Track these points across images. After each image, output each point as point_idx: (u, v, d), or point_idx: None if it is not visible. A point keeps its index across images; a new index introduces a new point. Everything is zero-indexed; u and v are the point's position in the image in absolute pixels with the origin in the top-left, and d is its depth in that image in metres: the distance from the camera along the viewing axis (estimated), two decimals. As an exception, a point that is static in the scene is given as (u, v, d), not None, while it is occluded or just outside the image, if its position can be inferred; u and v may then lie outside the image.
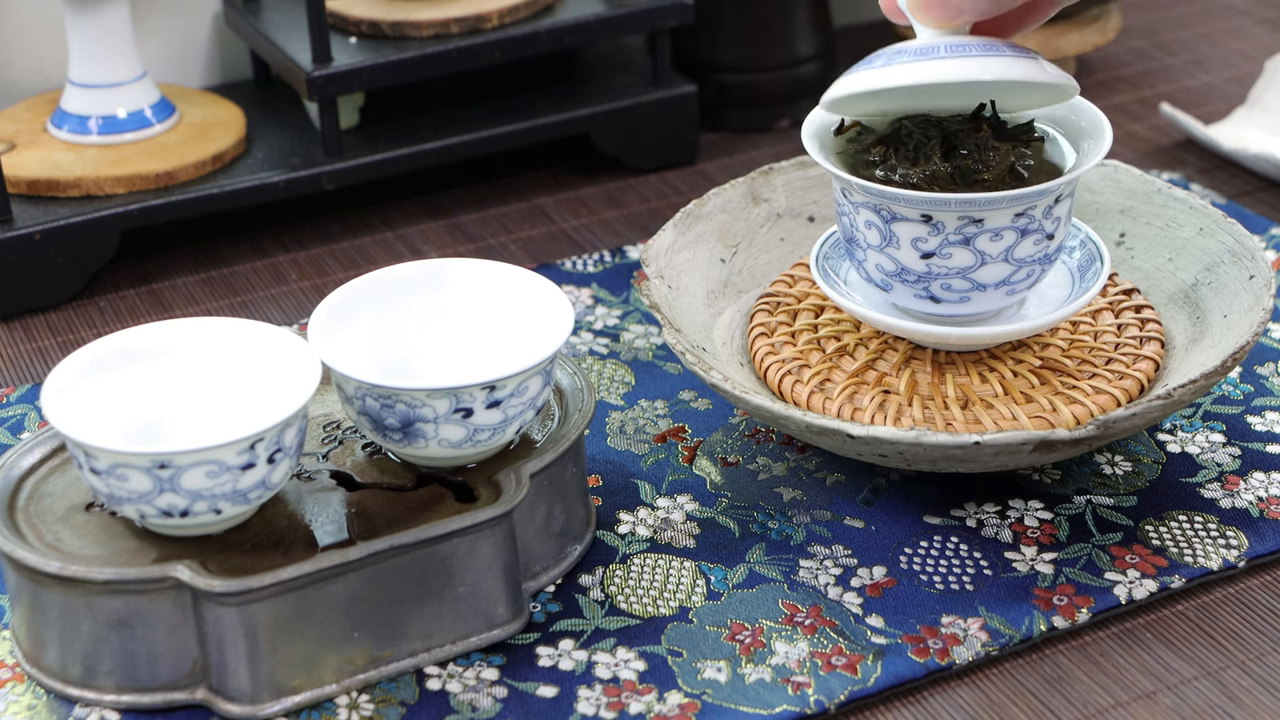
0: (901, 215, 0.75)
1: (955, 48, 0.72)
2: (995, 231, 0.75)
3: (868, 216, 0.76)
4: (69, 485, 0.73)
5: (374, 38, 1.04)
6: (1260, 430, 0.83)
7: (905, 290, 0.78)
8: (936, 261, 0.76)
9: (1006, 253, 0.76)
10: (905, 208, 0.75)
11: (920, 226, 0.75)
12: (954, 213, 0.74)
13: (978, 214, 0.74)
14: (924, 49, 0.73)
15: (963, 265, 0.76)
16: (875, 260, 0.77)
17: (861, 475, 0.81)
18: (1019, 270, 0.77)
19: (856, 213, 0.77)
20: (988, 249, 0.75)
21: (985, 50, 0.72)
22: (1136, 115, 1.17)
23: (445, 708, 0.69)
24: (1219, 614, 0.74)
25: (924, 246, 0.75)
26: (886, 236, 0.76)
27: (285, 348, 0.73)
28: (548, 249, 1.02)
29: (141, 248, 1.03)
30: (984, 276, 0.76)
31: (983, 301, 0.77)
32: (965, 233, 0.75)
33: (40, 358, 0.93)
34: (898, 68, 0.73)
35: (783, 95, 1.16)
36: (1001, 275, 0.76)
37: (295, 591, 0.67)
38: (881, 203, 0.75)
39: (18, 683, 0.71)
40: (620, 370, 0.90)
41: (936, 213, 0.74)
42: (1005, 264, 0.76)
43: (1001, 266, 0.76)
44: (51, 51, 1.10)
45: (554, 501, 0.74)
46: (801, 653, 0.71)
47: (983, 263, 0.76)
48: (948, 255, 0.75)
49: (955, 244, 0.75)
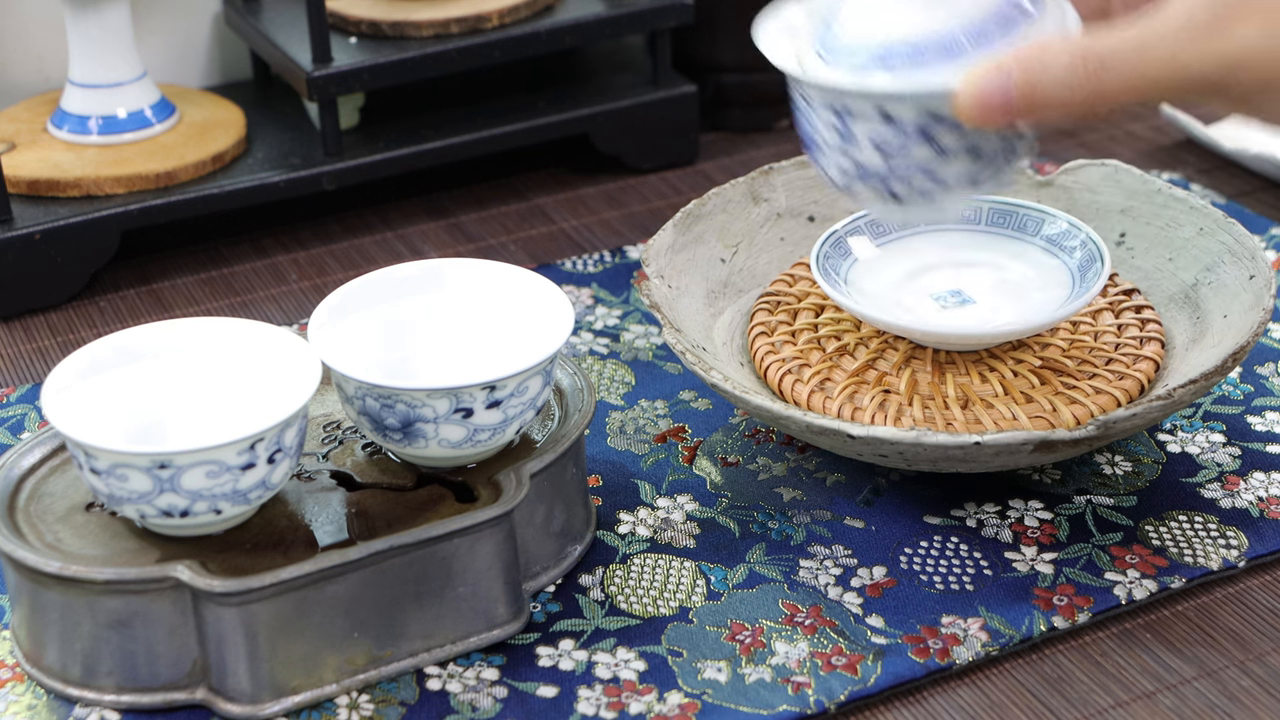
0: (859, 112, 0.71)
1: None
2: (955, 124, 0.70)
3: (826, 117, 0.73)
4: (69, 485, 0.73)
5: (374, 38, 1.04)
6: (1260, 430, 0.83)
7: (866, 190, 0.73)
8: (897, 160, 0.71)
9: (969, 147, 0.71)
10: (861, 104, 0.71)
11: (879, 124, 0.71)
12: (911, 106, 0.70)
13: (936, 108, 0.70)
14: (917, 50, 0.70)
15: (922, 161, 0.71)
16: (835, 161, 0.73)
17: (861, 475, 0.81)
18: (981, 164, 0.71)
19: (814, 114, 0.73)
20: (949, 143, 0.71)
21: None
22: (1136, 115, 1.17)
23: (445, 708, 0.69)
24: (1219, 614, 0.74)
25: (884, 144, 0.71)
26: (845, 136, 0.72)
27: (285, 348, 0.73)
28: (548, 249, 1.02)
29: (141, 248, 1.03)
30: (947, 173, 0.72)
31: (947, 198, 0.73)
32: (925, 128, 0.71)
33: (40, 358, 0.93)
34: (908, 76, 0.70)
35: (783, 95, 1.16)
36: (965, 170, 0.72)
37: (295, 591, 0.67)
38: (839, 100, 0.72)
39: (18, 683, 0.71)
40: (620, 370, 0.90)
41: (893, 107, 0.70)
42: (968, 158, 0.71)
43: (964, 161, 0.72)
44: (51, 51, 1.10)
45: (554, 501, 0.74)
46: (801, 653, 0.71)
47: (944, 156, 0.71)
48: (907, 153, 0.71)
49: (915, 140, 0.71)
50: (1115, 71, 0.63)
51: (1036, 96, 0.64)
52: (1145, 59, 0.63)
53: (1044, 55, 0.64)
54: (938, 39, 0.69)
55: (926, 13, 0.70)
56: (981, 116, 0.66)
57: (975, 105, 0.65)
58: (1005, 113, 0.65)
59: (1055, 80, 0.64)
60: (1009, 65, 0.65)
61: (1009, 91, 0.65)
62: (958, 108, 0.66)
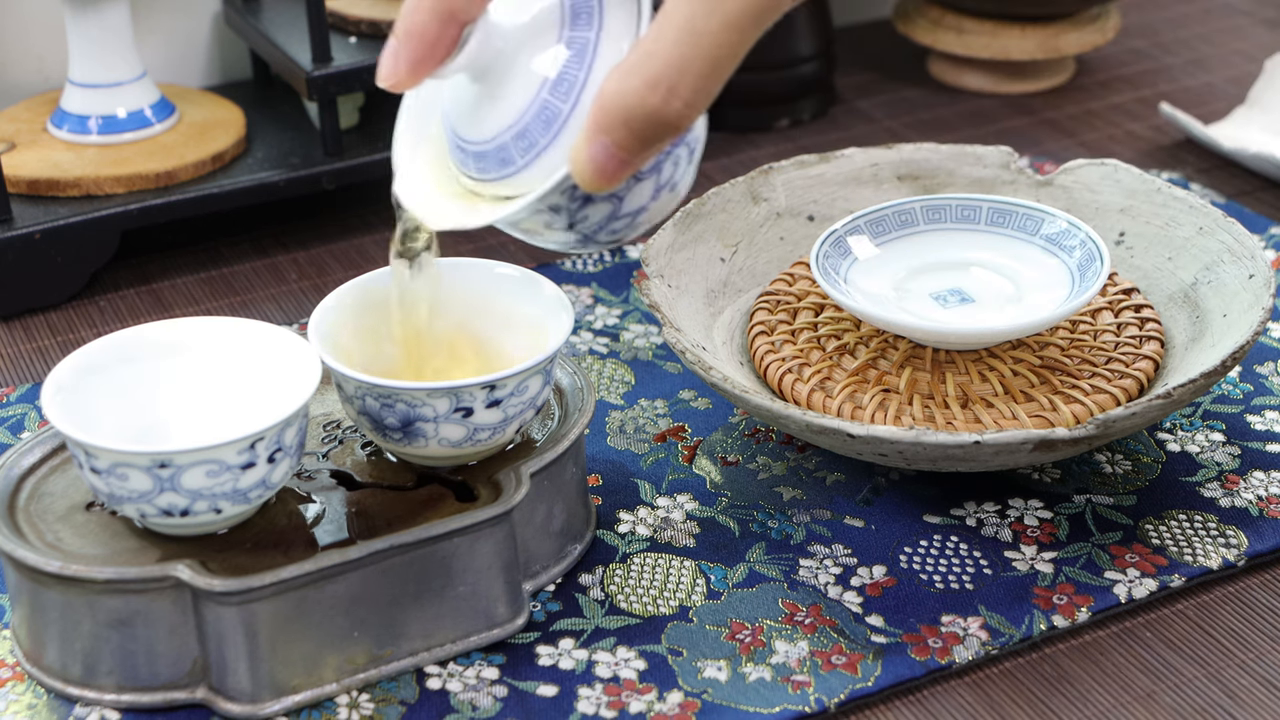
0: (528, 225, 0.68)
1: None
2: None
3: (513, 232, 0.69)
4: (69, 485, 0.73)
5: (374, 38, 1.04)
6: (1260, 429, 0.83)
7: (600, 240, 0.70)
8: (586, 225, 0.68)
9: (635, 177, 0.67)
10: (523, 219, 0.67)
11: (550, 217, 0.67)
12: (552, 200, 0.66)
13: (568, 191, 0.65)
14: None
15: (606, 213, 0.68)
16: (552, 242, 0.70)
17: (861, 475, 0.81)
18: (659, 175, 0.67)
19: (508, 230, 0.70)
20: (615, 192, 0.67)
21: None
22: (1136, 115, 1.17)
23: (445, 707, 0.69)
24: (1219, 613, 0.74)
25: (567, 224, 0.68)
26: (533, 234, 0.69)
27: (285, 348, 0.73)
28: (548, 249, 1.02)
29: (141, 248, 1.03)
30: (634, 201, 0.67)
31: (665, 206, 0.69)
32: (581, 199, 0.66)
33: (40, 358, 0.93)
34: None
35: (783, 95, 1.16)
36: (649, 188, 0.67)
37: (295, 591, 0.67)
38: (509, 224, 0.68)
39: (18, 682, 0.71)
40: (620, 370, 0.90)
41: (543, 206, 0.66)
42: (648, 179, 0.67)
43: (645, 184, 0.67)
44: (51, 51, 1.10)
45: (554, 501, 0.74)
46: (802, 652, 0.71)
47: (619, 199, 0.67)
48: (588, 217, 0.67)
49: (586, 205, 0.67)
50: (672, 38, 0.59)
51: (638, 128, 0.60)
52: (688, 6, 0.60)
53: (617, 91, 0.60)
54: (495, 149, 0.66)
55: (475, 127, 0.67)
56: (610, 180, 0.62)
57: (596, 177, 0.61)
58: (624, 165, 0.61)
59: (641, 100, 0.60)
60: (593, 126, 0.61)
61: (611, 147, 0.61)
62: (585, 187, 0.62)
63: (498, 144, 0.66)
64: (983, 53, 1.19)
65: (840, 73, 1.24)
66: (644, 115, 0.60)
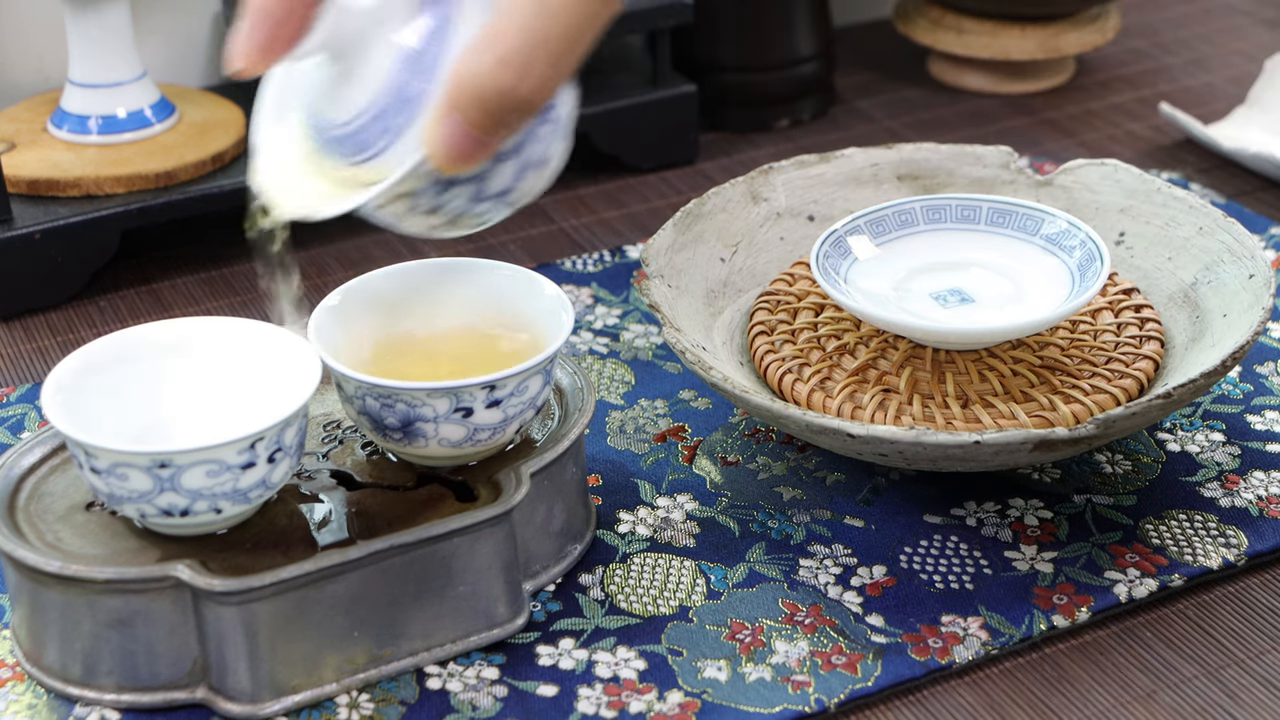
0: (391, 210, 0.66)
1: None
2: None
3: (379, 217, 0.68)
4: (69, 484, 0.73)
5: (374, 38, 1.04)
6: (1260, 429, 0.83)
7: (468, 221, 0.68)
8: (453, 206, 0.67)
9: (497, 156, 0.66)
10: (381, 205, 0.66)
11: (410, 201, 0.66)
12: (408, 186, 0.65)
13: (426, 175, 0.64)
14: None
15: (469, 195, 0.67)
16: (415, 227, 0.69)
17: (861, 474, 0.81)
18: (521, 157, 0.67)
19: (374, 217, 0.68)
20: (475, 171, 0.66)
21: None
22: (1136, 115, 1.17)
23: (445, 707, 0.69)
24: (1219, 613, 0.74)
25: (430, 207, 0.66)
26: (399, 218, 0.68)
27: (285, 348, 0.73)
28: (548, 249, 1.02)
29: (141, 248, 1.03)
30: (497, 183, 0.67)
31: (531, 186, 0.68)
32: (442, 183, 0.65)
33: (40, 358, 0.93)
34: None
35: (783, 95, 1.16)
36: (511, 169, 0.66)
37: (295, 591, 0.67)
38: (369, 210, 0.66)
39: (18, 682, 0.71)
40: (620, 370, 0.90)
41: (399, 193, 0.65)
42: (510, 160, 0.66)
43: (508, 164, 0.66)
44: (51, 51, 1.10)
45: (554, 501, 0.74)
46: (802, 652, 0.71)
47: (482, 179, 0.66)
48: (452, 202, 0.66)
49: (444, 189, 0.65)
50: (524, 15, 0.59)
51: (491, 107, 0.59)
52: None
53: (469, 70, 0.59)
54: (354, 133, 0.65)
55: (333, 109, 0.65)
56: (466, 161, 0.61)
57: (451, 158, 0.61)
58: (479, 145, 0.60)
59: (493, 78, 0.59)
60: (446, 105, 0.60)
61: (464, 125, 0.60)
62: (440, 169, 0.61)
63: (355, 127, 0.64)
64: (983, 53, 1.19)
65: (840, 73, 1.24)
66: (497, 93, 0.59)
